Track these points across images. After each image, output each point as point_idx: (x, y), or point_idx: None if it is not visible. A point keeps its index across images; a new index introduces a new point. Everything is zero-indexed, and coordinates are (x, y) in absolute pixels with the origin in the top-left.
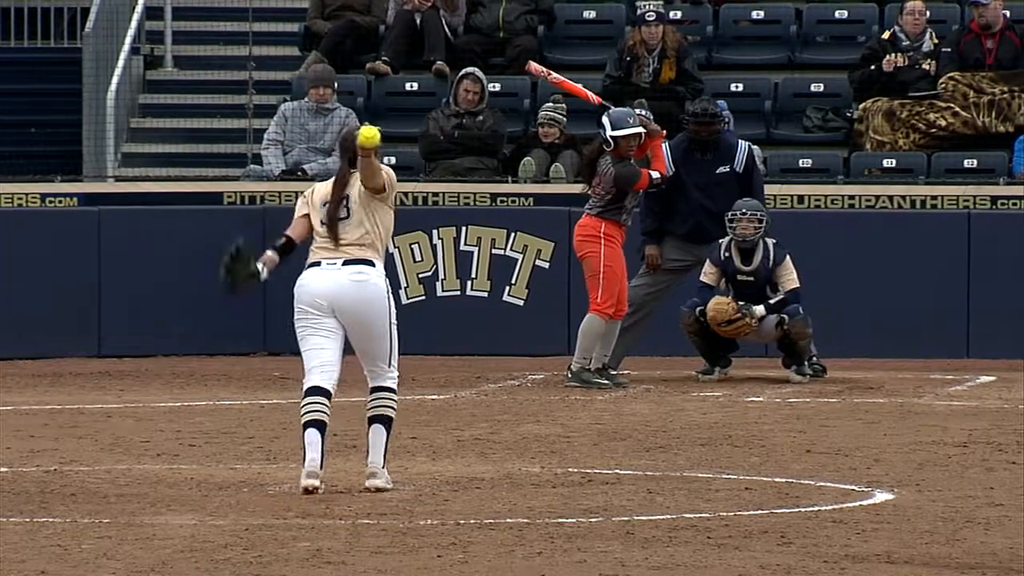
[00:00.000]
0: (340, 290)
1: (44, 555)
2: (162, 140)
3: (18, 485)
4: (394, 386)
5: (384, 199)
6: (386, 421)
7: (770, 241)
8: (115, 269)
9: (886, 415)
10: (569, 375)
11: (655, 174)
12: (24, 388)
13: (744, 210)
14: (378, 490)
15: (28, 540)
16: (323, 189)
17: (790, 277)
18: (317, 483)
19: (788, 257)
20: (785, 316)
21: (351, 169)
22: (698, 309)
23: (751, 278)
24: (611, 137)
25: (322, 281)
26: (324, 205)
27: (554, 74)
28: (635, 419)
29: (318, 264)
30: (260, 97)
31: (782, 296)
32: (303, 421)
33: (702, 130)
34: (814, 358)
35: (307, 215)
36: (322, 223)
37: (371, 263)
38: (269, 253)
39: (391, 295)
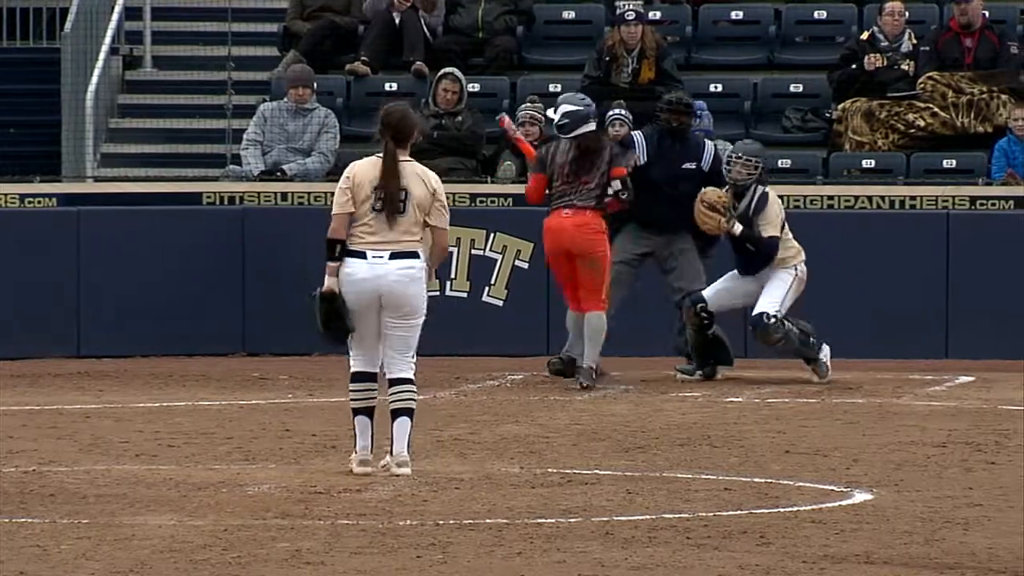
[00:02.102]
0: (387, 286)
1: (23, 556)
2: (141, 140)
3: None
4: (413, 376)
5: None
6: (410, 413)
7: (761, 188)
8: (94, 270)
9: (865, 415)
10: (583, 380)
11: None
12: (3, 389)
13: (740, 153)
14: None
15: (7, 541)
16: (370, 171)
17: (767, 225)
18: (369, 470)
19: (772, 205)
20: (752, 326)
21: (397, 147)
22: (699, 305)
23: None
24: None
25: (369, 276)
26: (374, 189)
27: (517, 132)
28: (614, 419)
29: (363, 255)
30: (239, 97)
31: (758, 238)
32: (352, 408)
33: (673, 118)
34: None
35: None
36: (374, 209)
37: (417, 255)
38: (333, 279)
39: None
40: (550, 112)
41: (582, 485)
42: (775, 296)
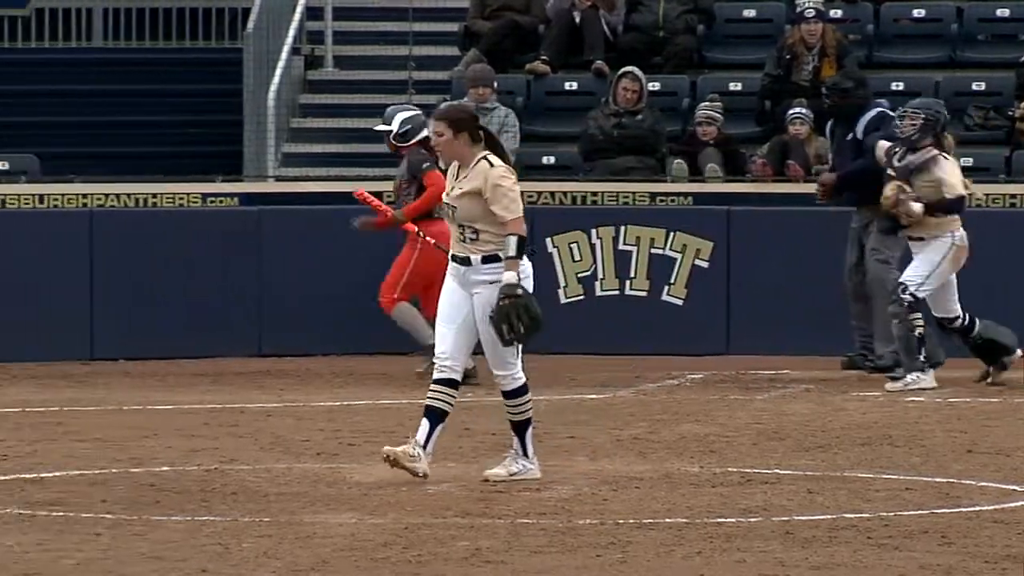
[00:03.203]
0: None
1: (205, 553)
2: (322, 140)
3: (179, 484)
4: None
5: None
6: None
7: (933, 152)
8: (275, 269)
9: None
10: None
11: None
12: (185, 387)
13: (909, 108)
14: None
15: (189, 539)
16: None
17: (948, 188)
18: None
19: (943, 166)
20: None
21: None
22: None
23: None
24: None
25: (530, 273)
26: None
27: (374, 200)
28: (794, 419)
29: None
30: (420, 97)
31: (944, 204)
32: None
33: (830, 99)
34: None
35: None
36: None
37: None
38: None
39: None
40: (381, 126)
41: (762, 484)
42: (923, 269)
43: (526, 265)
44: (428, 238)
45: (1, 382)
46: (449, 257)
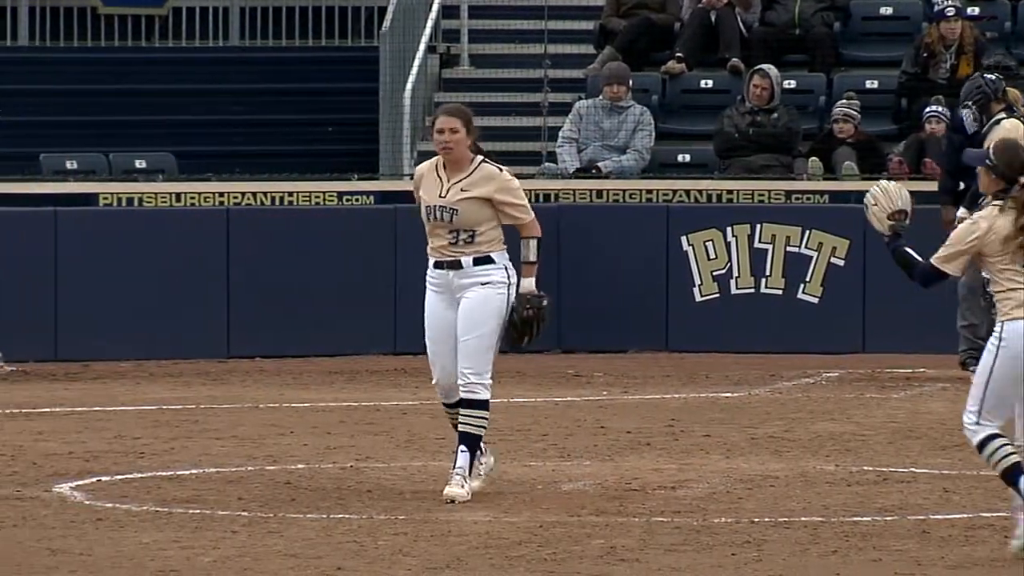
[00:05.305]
0: None
1: (341, 551)
2: None
3: (315, 482)
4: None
5: None
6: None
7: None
8: (410, 267)
9: None
10: None
11: None
12: (321, 385)
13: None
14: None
15: (325, 536)
16: None
17: None
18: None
19: (998, 130)
20: None
21: None
22: None
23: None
24: None
25: None
26: None
27: None
28: (930, 417)
29: None
30: (555, 95)
31: None
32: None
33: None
34: None
35: None
36: None
37: None
38: None
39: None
40: None
41: (898, 483)
42: None
43: (512, 271)
44: None
45: (139, 380)
46: (432, 265)
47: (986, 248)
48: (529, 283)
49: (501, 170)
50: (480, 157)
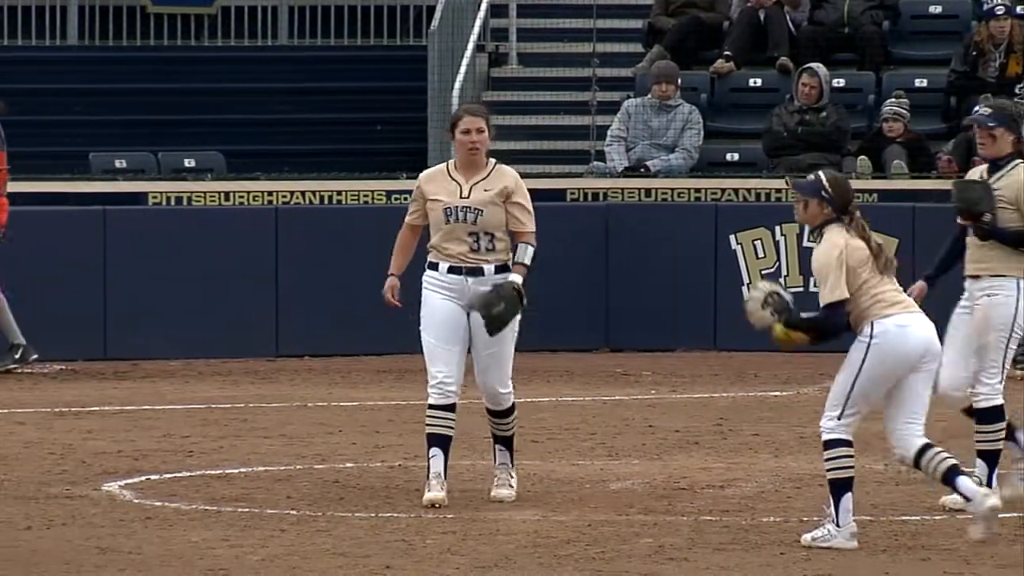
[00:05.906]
0: None
1: (389, 550)
2: (506, 137)
3: (363, 480)
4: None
5: None
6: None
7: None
8: None
9: None
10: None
11: None
12: (369, 384)
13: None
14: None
15: (373, 535)
16: None
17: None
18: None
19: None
20: None
21: None
22: None
23: None
24: None
25: None
26: None
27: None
28: None
29: None
30: (603, 94)
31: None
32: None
33: None
34: None
35: None
36: None
37: None
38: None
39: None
40: None
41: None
42: None
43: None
44: None
45: (188, 379)
46: (445, 270)
47: (851, 260)
48: (517, 277)
49: (513, 170)
50: (492, 158)
